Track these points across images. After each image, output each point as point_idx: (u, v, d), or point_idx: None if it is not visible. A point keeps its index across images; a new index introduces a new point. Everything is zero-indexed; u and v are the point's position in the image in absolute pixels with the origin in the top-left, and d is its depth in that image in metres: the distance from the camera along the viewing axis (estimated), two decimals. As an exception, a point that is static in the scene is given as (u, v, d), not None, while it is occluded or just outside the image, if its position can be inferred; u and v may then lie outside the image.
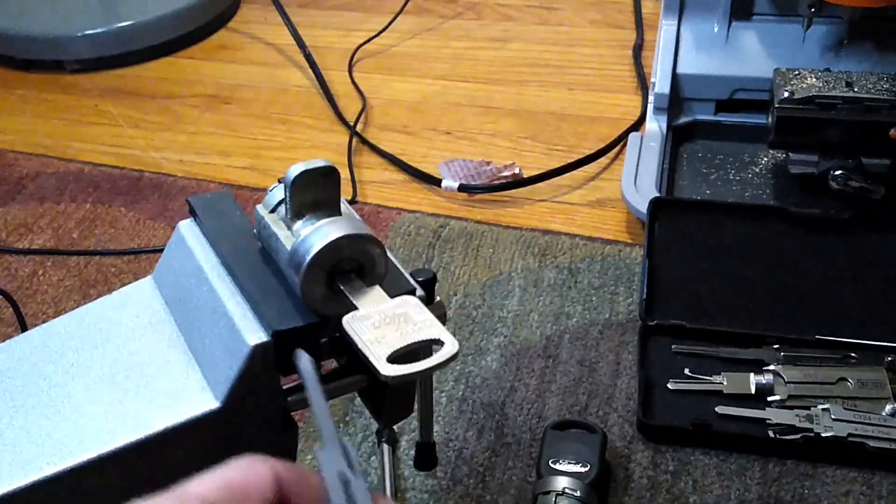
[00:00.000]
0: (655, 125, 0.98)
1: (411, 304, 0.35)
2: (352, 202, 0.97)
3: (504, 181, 0.97)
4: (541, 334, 0.81)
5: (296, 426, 0.42)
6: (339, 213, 0.38)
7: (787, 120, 0.84)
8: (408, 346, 0.33)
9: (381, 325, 0.34)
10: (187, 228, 0.44)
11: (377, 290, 0.37)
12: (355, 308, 0.35)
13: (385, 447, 0.70)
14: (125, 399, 0.38)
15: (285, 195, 0.38)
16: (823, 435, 0.67)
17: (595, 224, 0.93)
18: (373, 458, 0.71)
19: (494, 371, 0.78)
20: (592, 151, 0.99)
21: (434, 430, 0.74)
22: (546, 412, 0.73)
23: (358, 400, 0.76)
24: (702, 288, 0.79)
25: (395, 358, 0.33)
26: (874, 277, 0.78)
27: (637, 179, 0.92)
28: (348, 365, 0.46)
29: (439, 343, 0.33)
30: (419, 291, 0.39)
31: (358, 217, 0.39)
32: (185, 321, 0.41)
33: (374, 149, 1.06)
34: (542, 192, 0.97)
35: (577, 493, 0.62)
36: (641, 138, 0.97)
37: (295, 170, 0.37)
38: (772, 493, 0.66)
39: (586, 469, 0.65)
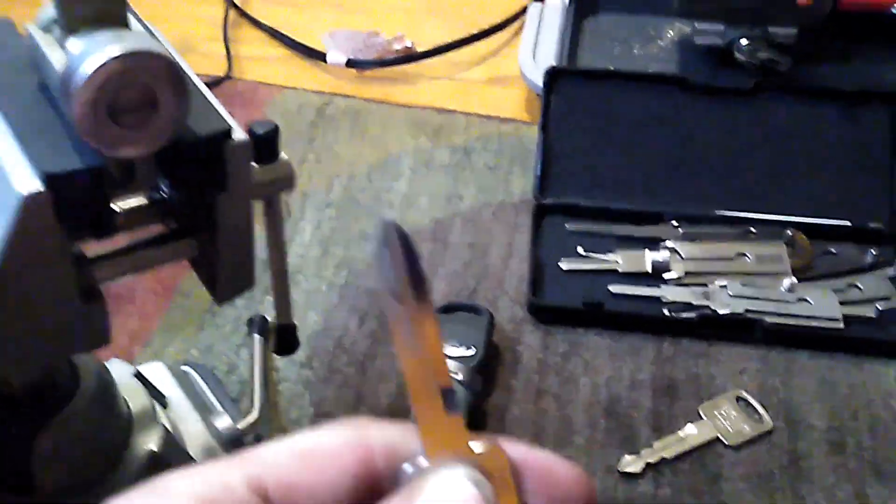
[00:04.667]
0: (557, -5, 0.92)
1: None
2: (226, 78, 0.88)
3: (396, 55, 0.89)
4: (430, 217, 0.75)
5: (102, 297, 0.35)
6: (127, 28, 0.31)
7: (693, -16, 0.78)
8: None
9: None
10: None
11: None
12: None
13: (256, 338, 0.64)
14: None
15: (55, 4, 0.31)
16: (720, 312, 0.64)
17: (493, 102, 0.87)
18: (243, 349, 0.65)
19: (379, 256, 0.72)
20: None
21: (312, 318, 0.69)
22: (433, 297, 0.68)
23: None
24: (599, 164, 0.74)
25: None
26: (776, 150, 0.74)
27: (536, 53, 0.85)
28: (178, 229, 0.40)
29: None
30: (238, 133, 0.33)
31: (159, 38, 0.32)
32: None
33: (254, 22, 0.96)
34: (437, 69, 0.90)
35: (460, 377, 0.58)
36: (542, 9, 0.90)
37: (61, -36, 0.30)
38: (665, 373, 0.63)
39: (471, 353, 0.60)
